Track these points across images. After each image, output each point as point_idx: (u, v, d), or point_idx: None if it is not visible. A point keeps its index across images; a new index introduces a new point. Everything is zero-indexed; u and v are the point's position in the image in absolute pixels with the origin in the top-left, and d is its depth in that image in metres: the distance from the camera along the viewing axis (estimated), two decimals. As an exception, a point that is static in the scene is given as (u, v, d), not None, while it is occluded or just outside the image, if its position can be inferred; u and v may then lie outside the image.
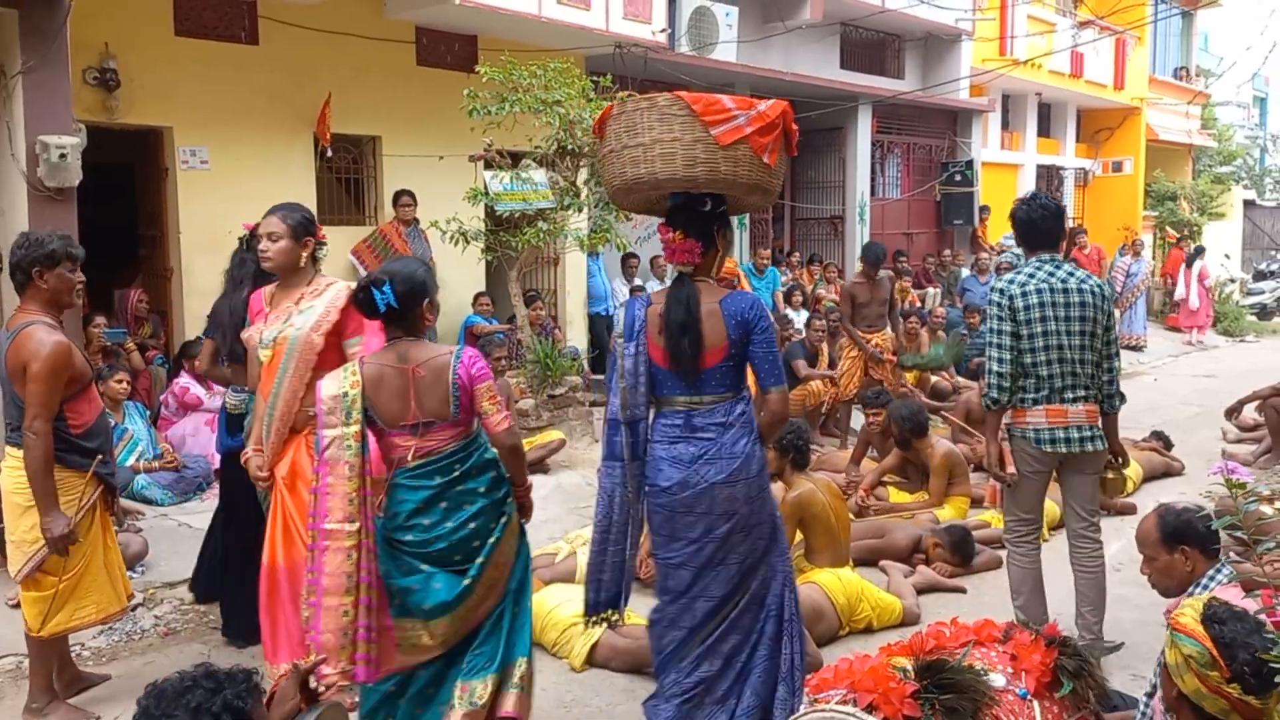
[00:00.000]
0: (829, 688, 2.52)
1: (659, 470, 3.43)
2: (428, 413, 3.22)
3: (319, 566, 3.12)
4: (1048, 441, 4.36)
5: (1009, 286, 4.38)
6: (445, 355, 3.26)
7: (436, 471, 3.24)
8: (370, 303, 3.20)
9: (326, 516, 3.13)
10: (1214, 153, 24.63)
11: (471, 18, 9.24)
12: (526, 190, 8.22)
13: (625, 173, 3.45)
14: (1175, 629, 2.46)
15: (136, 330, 8.11)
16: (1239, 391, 7.61)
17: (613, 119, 3.50)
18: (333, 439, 3.16)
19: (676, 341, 3.37)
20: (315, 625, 3.10)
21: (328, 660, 3.03)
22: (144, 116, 7.92)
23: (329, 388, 3.21)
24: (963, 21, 15.33)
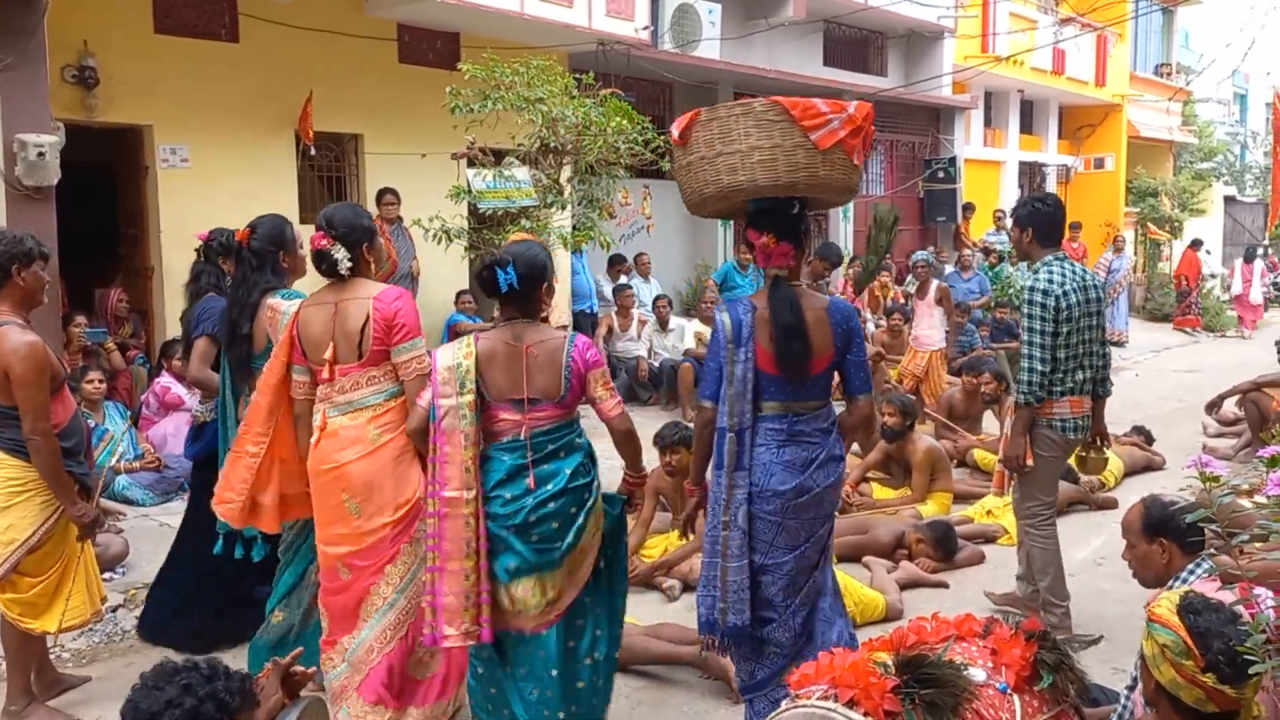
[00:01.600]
0: (810, 683, 2.52)
1: (770, 475, 3.41)
2: (536, 390, 3.28)
3: (441, 533, 3.22)
4: (1073, 430, 4.63)
5: (1051, 286, 4.50)
6: (560, 338, 3.35)
7: (529, 446, 3.29)
8: (493, 281, 3.26)
9: (446, 485, 3.22)
10: (1195, 149, 24.79)
11: (453, 15, 9.21)
12: (509, 188, 8.20)
13: (721, 180, 3.39)
14: (1151, 620, 2.47)
15: (117, 330, 8.06)
16: (1220, 386, 7.66)
17: (701, 125, 3.41)
18: (448, 409, 3.24)
19: (787, 345, 3.38)
20: (438, 589, 3.21)
21: (450, 621, 3.19)
22: (123, 115, 7.87)
23: (444, 359, 3.28)
24: (945, 19, 15.38)
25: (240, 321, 4.05)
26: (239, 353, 4.08)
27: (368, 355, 3.52)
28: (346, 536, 3.54)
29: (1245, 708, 2.40)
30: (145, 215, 8.23)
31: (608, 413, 3.38)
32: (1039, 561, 4.79)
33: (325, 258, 3.55)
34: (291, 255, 4.19)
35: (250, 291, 4.04)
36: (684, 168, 3.54)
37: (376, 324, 3.49)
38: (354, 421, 3.52)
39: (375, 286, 3.61)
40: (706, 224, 13.39)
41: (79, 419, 4.04)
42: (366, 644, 3.58)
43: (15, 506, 3.76)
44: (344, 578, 3.58)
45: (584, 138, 8.32)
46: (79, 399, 5.87)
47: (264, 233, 4.07)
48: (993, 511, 6.47)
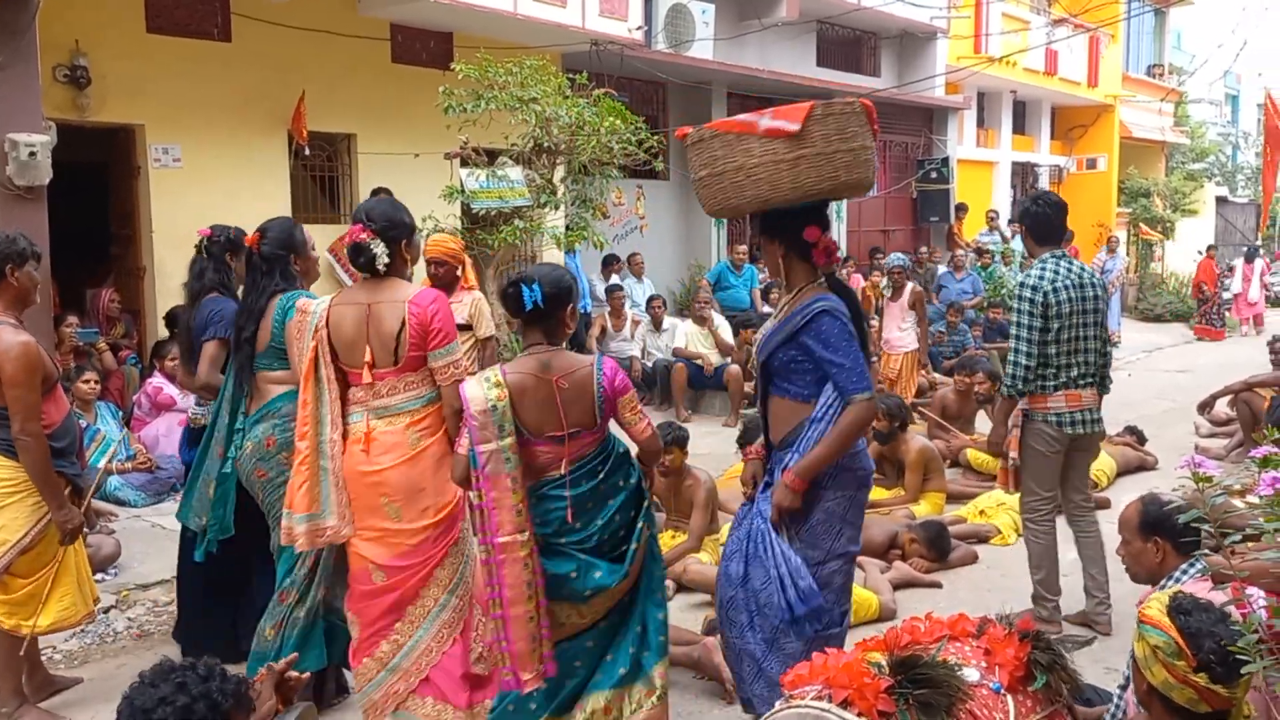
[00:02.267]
0: (804, 684, 2.52)
1: (866, 456, 3.48)
2: (573, 423, 3.20)
3: (500, 580, 3.11)
4: (1068, 424, 4.68)
5: (1040, 283, 4.62)
6: (587, 367, 3.24)
7: (584, 476, 3.24)
8: (518, 299, 3.19)
9: (498, 531, 3.11)
10: (1187, 149, 24.90)
11: (447, 15, 9.20)
12: (503, 188, 8.20)
13: (839, 177, 3.29)
14: (1142, 621, 2.48)
15: (109, 330, 8.05)
16: (1212, 386, 7.66)
17: (818, 120, 3.25)
18: (489, 454, 3.11)
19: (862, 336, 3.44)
20: (507, 635, 3.12)
21: (523, 666, 3.11)
22: (115, 114, 7.85)
23: (475, 400, 3.14)
24: (938, 19, 15.41)
25: (246, 326, 3.98)
26: (243, 357, 4.02)
27: (404, 360, 3.43)
28: (385, 539, 3.47)
29: (1237, 707, 2.40)
30: (137, 215, 8.21)
31: (638, 436, 3.36)
32: (1035, 556, 4.85)
33: (364, 252, 3.45)
34: (303, 258, 4.14)
35: (259, 297, 3.98)
36: (784, 162, 3.25)
37: (413, 329, 3.39)
38: (392, 427, 3.45)
39: (409, 288, 3.51)
40: (700, 224, 13.40)
41: (72, 419, 4.03)
42: (423, 646, 3.50)
43: (8, 507, 3.75)
44: (378, 581, 3.50)
45: (577, 138, 8.33)
46: (72, 399, 5.87)
47: (274, 236, 4.03)
48: (985, 511, 6.48)
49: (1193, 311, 17.73)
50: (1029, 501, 4.89)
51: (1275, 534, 2.14)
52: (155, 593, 5.25)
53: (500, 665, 3.18)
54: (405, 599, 3.50)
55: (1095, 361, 4.73)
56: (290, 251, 4.06)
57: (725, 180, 3.35)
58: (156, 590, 5.27)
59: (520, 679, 3.13)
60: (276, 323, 3.93)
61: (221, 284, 4.38)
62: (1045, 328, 4.60)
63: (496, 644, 3.15)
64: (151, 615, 5.08)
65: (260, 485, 3.98)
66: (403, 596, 3.50)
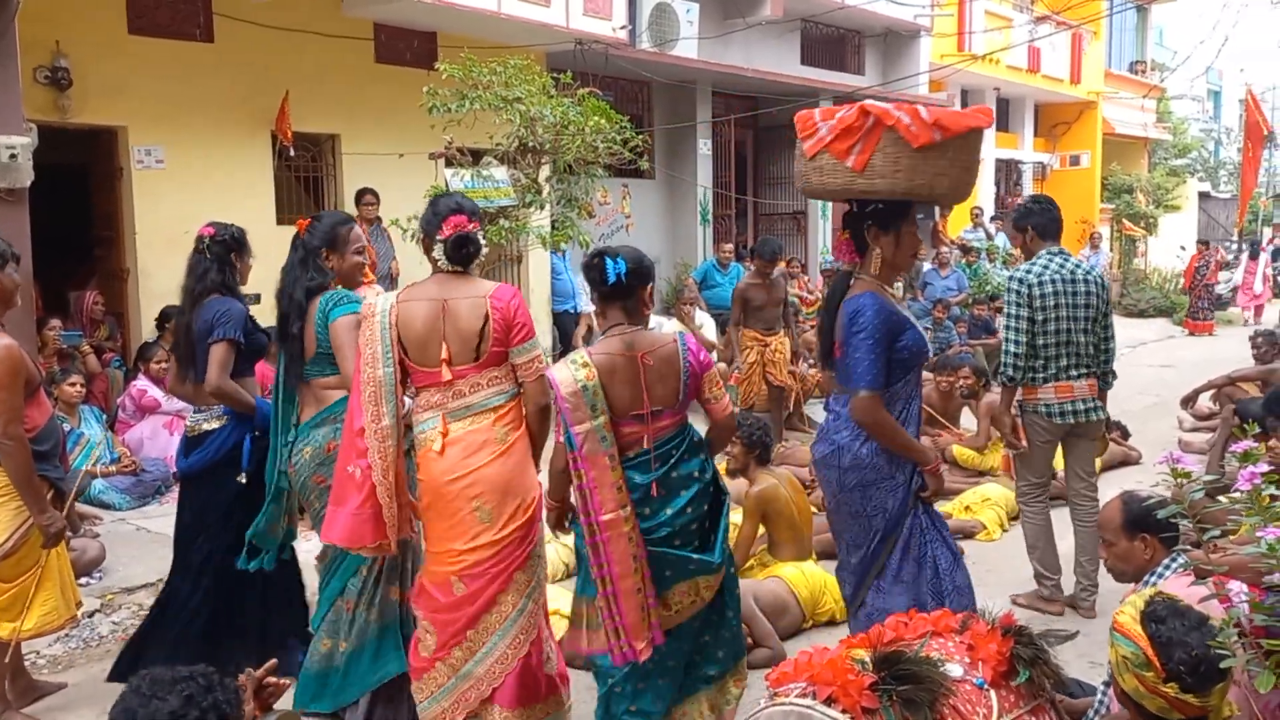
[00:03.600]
0: (789, 681, 2.53)
1: None
2: (657, 401, 3.26)
3: (608, 557, 3.17)
4: (1058, 414, 4.88)
5: (1027, 276, 4.85)
6: (671, 344, 3.31)
7: (659, 458, 3.28)
8: (602, 270, 3.25)
9: (601, 509, 3.17)
10: (1169, 146, 25.03)
11: (430, 14, 9.18)
12: (488, 188, 8.17)
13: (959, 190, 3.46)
14: (1114, 628, 2.50)
15: (92, 333, 8.00)
16: (1195, 381, 7.71)
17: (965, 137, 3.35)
18: (585, 434, 3.17)
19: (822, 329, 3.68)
20: (619, 609, 3.18)
21: (636, 636, 3.17)
22: (97, 116, 7.80)
23: (564, 382, 3.19)
24: (921, 17, 15.44)
25: (291, 318, 3.75)
26: (289, 351, 3.79)
27: (486, 356, 3.34)
28: (474, 548, 3.35)
29: (1214, 712, 2.42)
30: (120, 217, 8.17)
31: (719, 413, 3.41)
32: (1030, 537, 5.11)
33: (470, 242, 3.37)
34: (340, 256, 3.86)
35: (294, 285, 3.76)
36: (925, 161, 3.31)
37: (496, 324, 3.31)
38: (479, 425, 3.34)
39: (486, 283, 3.43)
40: (687, 223, 13.41)
41: (55, 422, 4.01)
42: (498, 653, 3.40)
43: None
44: (458, 592, 3.38)
45: (562, 137, 8.31)
46: (56, 402, 5.84)
47: (319, 228, 3.84)
48: (971, 507, 6.51)
49: (1177, 307, 17.83)
50: (1021, 486, 5.14)
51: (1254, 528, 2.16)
52: (140, 596, 5.23)
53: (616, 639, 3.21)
54: (485, 605, 3.39)
55: (1088, 354, 4.89)
56: (327, 246, 3.82)
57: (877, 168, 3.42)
58: (141, 594, 5.24)
59: (635, 649, 3.19)
60: (319, 326, 3.72)
61: (224, 284, 4.16)
62: (1032, 318, 4.81)
63: (610, 620, 3.19)
64: (136, 619, 5.04)
65: (317, 491, 3.75)
66: (484, 603, 3.38)
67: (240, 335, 4.01)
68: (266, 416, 4.07)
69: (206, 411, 4.18)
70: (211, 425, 4.15)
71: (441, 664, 3.43)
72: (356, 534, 3.39)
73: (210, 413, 4.16)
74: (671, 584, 3.27)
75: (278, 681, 2.26)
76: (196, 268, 4.20)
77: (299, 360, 3.79)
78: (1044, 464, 5.05)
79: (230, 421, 4.12)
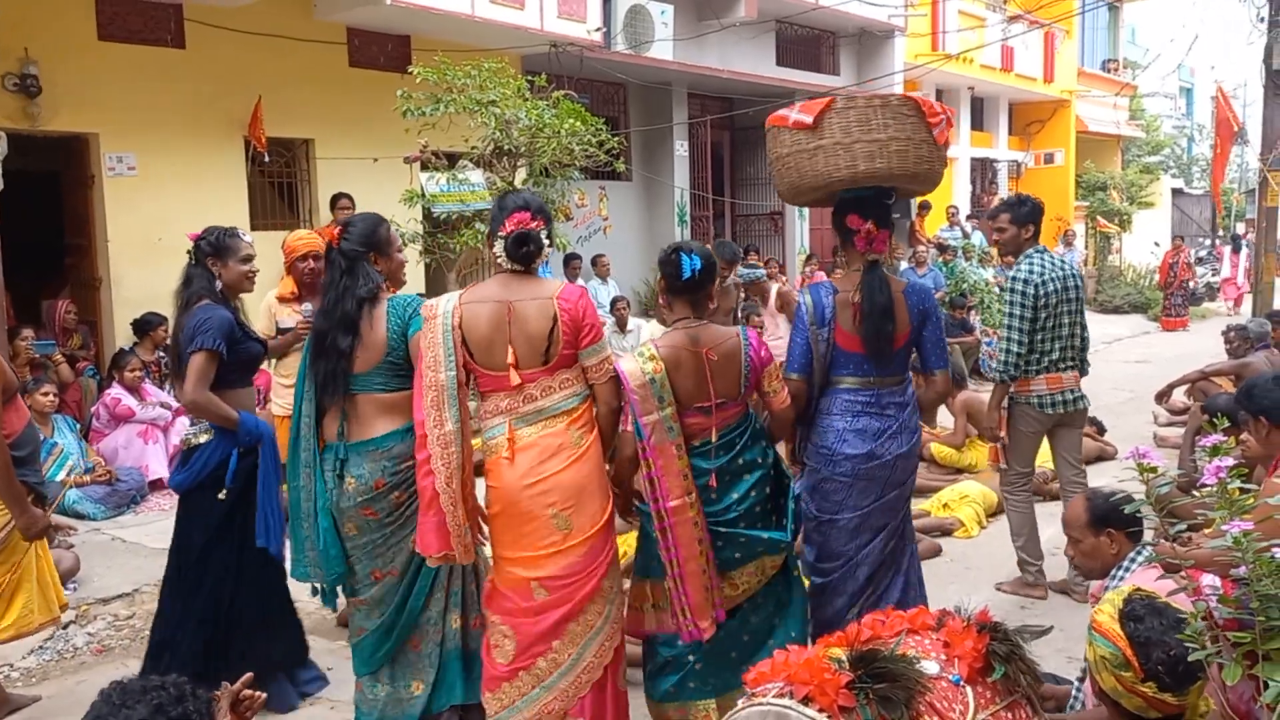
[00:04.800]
0: (766, 681, 2.53)
1: (843, 440, 3.68)
2: (720, 394, 3.34)
3: (675, 541, 3.25)
4: (1049, 405, 5.03)
5: (1031, 276, 4.93)
6: (734, 338, 3.39)
7: (722, 447, 3.36)
8: (678, 265, 3.32)
9: (669, 496, 3.25)
10: (1142, 143, 25.22)
11: (403, 18, 9.16)
12: (463, 191, 8.17)
13: (858, 166, 3.57)
14: (1093, 628, 2.51)
15: (65, 342, 7.93)
16: (1169, 376, 7.76)
17: (837, 113, 3.56)
18: (653, 424, 3.25)
19: (878, 325, 3.63)
20: (686, 590, 3.26)
21: (701, 615, 3.26)
22: (68, 123, 7.74)
23: (633, 374, 3.26)
24: (895, 17, 15.51)
25: (337, 335, 3.45)
26: (331, 368, 3.47)
27: (556, 359, 3.23)
28: (553, 554, 3.24)
29: (1190, 710, 2.44)
30: (92, 225, 8.11)
31: (777, 405, 3.51)
32: (1014, 524, 5.24)
33: (532, 240, 3.24)
34: (386, 258, 3.63)
35: (345, 299, 3.47)
36: (805, 152, 3.61)
37: (565, 326, 3.21)
38: (553, 429, 3.23)
39: (552, 283, 3.31)
40: (664, 224, 13.42)
41: (33, 428, 3.98)
42: (585, 662, 3.30)
43: None
44: (540, 598, 3.26)
45: (538, 140, 8.31)
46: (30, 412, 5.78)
47: (356, 231, 3.56)
48: (949, 504, 6.53)
49: (1151, 303, 17.96)
50: (1008, 475, 5.26)
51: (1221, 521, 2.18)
52: (115, 607, 5.18)
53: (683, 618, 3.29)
54: (570, 614, 3.27)
55: (1073, 345, 5.07)
56: (371, 249, 3.58)
57: (773, 169, 3.81)
58: (117, 604, 5.20)
59: (700, 628, 3.28)
60: (395, 333, 3.45)
61: (209, 290, 3.95)
62: (1035, 318, 4.93)
63: (677, 601, 3.27)
64: (112, 630, 5.01)
65: (363, 523, 3.51)
66: (569, 611, 3.26)
67: (220, 345, 3.79)
68: (250, 432, 3.92)
69: (198, 425, 3.98)
70: (200, 439, 3.96)
71: (525, 673, 3.30)
72: (425, 541, 3.28)
73: (200, 426, 3.96)
74: (740, 565, 3.39)
75: (254, 694, 2.24)
76: (184, 275, 4.05)
77: (342, 376, 3.47)
78: (1031, 454, 5.22)
79: (215, 437, 3.92)
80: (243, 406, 3.95)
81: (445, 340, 3.21)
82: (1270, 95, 11.88)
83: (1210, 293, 20.62)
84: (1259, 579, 2.10)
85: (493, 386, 3.26)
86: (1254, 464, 3.49)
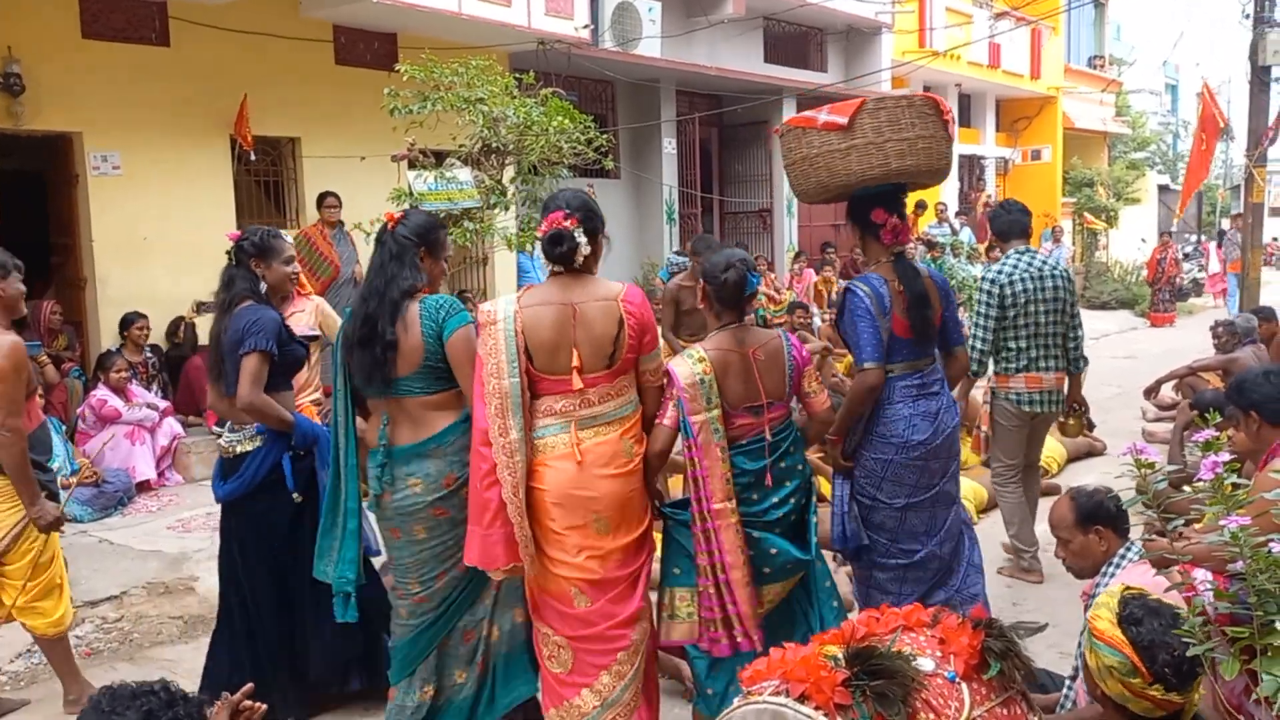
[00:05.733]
0: (762, 679, 2.52)
1: (913, 426, 3.81)
2: (768, 394, 3.40)
3: (720, 544, 3.25)
4: (1026, 403, 5.16)
5: (998, 277, 5.10)
6: (777, 339, 3.49)
7: (768, 448, 3.39)
8: (742, 284, 3.42)
9: (712, 498, 3.27)
10: (1128, 139, 25.30)
11: (390, 15, 9.12)
12: (451, 189, 8.12)
13: (889, 164, 3.71)
14: (1094, 636, 2.50)
15: (50, 342, 7.86)
16: (1157, 371, 7.79)
17: (869, 113, 3.69)
18: (701, 424, 3.28)
19: (923, 310, 3.83)
20: (733, 598, 3.26)
21: (753, 628, 3.25)
22: (52, 122, 7.68)
23: (684, 375, 3.30)
24: (882, 14, 15.54)
25: (381, 320, 3.29)
26: (375, 358, 3.29)
27: (620, 363, 3.17)
28: (591, 558, 3.18)
29: (1188, 708, 2.45)
30: (77, 225, 8.05)
31: (817, 407, 3.57)
32: (1006, 513, 5.40)
33: (566, 239, 3.15)
34: (434, 260, 3.51)
35: (389, 285, 3.33)
36: (838, 152, 3.73)
37: (631, 329, 3.15)
38: (606, 436, 3.17)
39: (612, 285, 3.23)
40: (653, 222, 13.40)
41: (46, 428, 4.10)
42: (643, 673, 3.28)
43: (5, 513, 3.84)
44: (580, 606, 3.20)
45: (526, 137, 8.28)
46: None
47: (413, 222, 3.46)
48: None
49: (1139, 299, 18.04)
50: (996, 468, 5.43)
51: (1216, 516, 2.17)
52: (103, 609, 5.14)
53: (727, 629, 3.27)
54: (628, 622, 3.22)
55: (1058, 345, 5.13)
56: (423, 243, 3.44)
57: (795, 170, 3.89)
58: (105, 607, 5.16)
59: (752, 639, 3.26)
60: (430, 337, 3.30)
61: (253, 291, 3.89)
62: (1001, 316, 5.07)
63: (718, 609, 3.26)
64: (100, 633, 4.97)
65: (434, 523, 3.37)
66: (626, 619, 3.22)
67: (273, 346, 3.72)
68: (305, 434, 3.84)
69: (240, 431, 3.86)
70: (247, 446, 3.85)
71: (588, 690, 3.23)
72: (489, 555, 3.19)
73: (244, 432, 3.85)
74: (768, 582, 3.39)
75: (255, 705, 2.21)
76: (224, 275, 3.95)
77: (382, 368, 3.30)
78: (1014, 446, 5.32)
79: (267, 441, 3.82)
80: (286, 407, 3.88)
81: (508, 346, 3.12)
82: (1255, 91, 11.93)
83: (1197, 288, 20.65)
84: (1256, 574, 2.09)
85: (552, 390, 3.18)
86: (1243, 459, 3.50)
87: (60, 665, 4.10)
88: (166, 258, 8.20)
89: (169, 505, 6.87)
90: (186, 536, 6.17)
